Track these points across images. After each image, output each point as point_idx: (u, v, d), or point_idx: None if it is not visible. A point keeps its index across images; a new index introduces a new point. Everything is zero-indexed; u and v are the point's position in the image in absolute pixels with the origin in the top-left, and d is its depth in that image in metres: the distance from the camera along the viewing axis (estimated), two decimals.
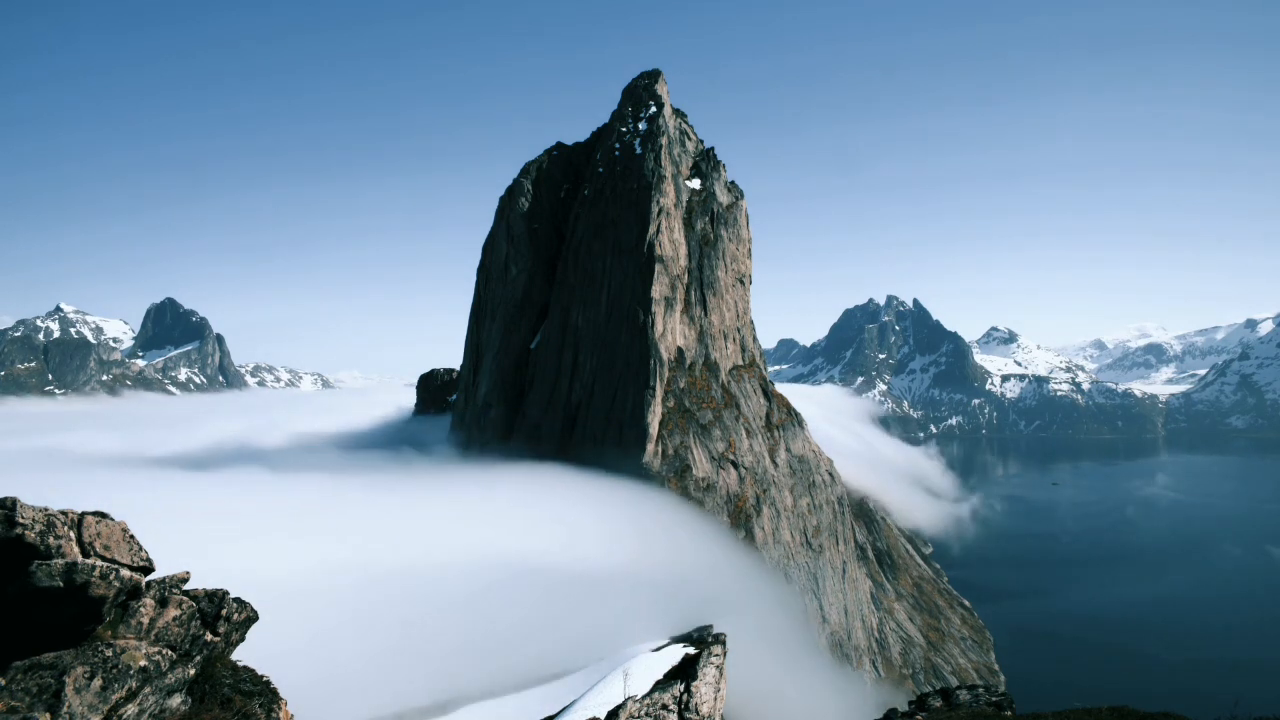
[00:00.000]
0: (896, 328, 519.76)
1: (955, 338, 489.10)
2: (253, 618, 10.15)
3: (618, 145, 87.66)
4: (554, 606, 47.42)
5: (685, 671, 19.25)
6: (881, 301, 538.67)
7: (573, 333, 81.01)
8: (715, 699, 18.69)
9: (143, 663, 7.97)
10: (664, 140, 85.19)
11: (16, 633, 7.50)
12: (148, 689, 7.97)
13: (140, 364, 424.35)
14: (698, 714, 17.72)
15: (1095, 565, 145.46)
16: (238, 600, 9.89)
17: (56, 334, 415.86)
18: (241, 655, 10.20)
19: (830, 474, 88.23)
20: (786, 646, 62.10)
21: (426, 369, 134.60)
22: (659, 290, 76.57)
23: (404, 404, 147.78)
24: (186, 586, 9.22)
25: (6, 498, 7.59)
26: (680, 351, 78.14)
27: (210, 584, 9.73)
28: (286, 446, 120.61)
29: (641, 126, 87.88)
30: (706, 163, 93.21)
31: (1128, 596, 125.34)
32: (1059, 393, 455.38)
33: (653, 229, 78.47)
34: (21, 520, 7.42)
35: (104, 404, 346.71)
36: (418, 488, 72.13)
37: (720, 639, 24.14)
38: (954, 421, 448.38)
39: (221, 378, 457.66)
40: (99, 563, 7.86)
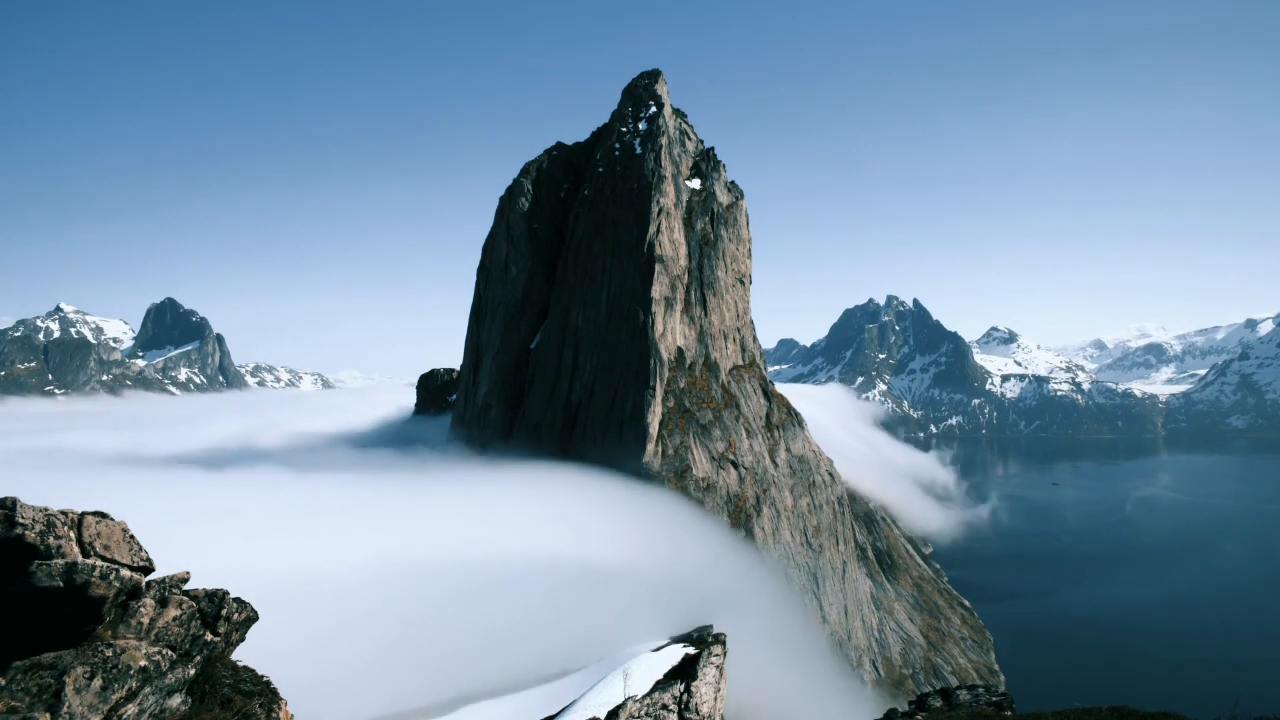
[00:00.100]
0: (896, 328, 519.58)
1: (955, 338, 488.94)
2: (253, 617, 10.14)
3: (618, 145, 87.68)
4: (554, 606, 47.44)
5: (685, 671, 19.23)
6: (881, 301, 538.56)
7: (573, 333, 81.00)
8: (715, 699, 18.68)
9: (143, 663, 7.97)
10: (664, 140, 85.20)
11: (16, 633, 7.50)
12: (148, 689, 7.97)
13: (140, 364, 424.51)
14: (698, 714, 17.71)
15: (1095, 565, 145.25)
16: (238, 600, 9.88)
17: (56, 334, 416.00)
18: (241, 655, 10.19)
19: (830, 474, 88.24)
20: (787, 646, 62.08)
21: (426, 369, 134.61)
22: (659, 290, 76.56)
23: (404, 404, 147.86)
24: (186, 586, 9.21)
25: (6, 498, 7.59)
26: (680, 351, 78.13)
27: (210, 584, 9.73)
28: (286, 446, 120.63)
29: (641, 126, 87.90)
30: (706, 163, 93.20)
31: (1128, 596, 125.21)
32: (1059, 393, 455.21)
33: (653, 229, 78.46)
34: (21, 520, 7.42)
35: (104, 404, 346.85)
36: (417, 487, 72.12)
37: (720, 639, 24.12)
38: (954, 421, 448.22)
39: (221, 378, 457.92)
40: (99, 563, 7.85)
